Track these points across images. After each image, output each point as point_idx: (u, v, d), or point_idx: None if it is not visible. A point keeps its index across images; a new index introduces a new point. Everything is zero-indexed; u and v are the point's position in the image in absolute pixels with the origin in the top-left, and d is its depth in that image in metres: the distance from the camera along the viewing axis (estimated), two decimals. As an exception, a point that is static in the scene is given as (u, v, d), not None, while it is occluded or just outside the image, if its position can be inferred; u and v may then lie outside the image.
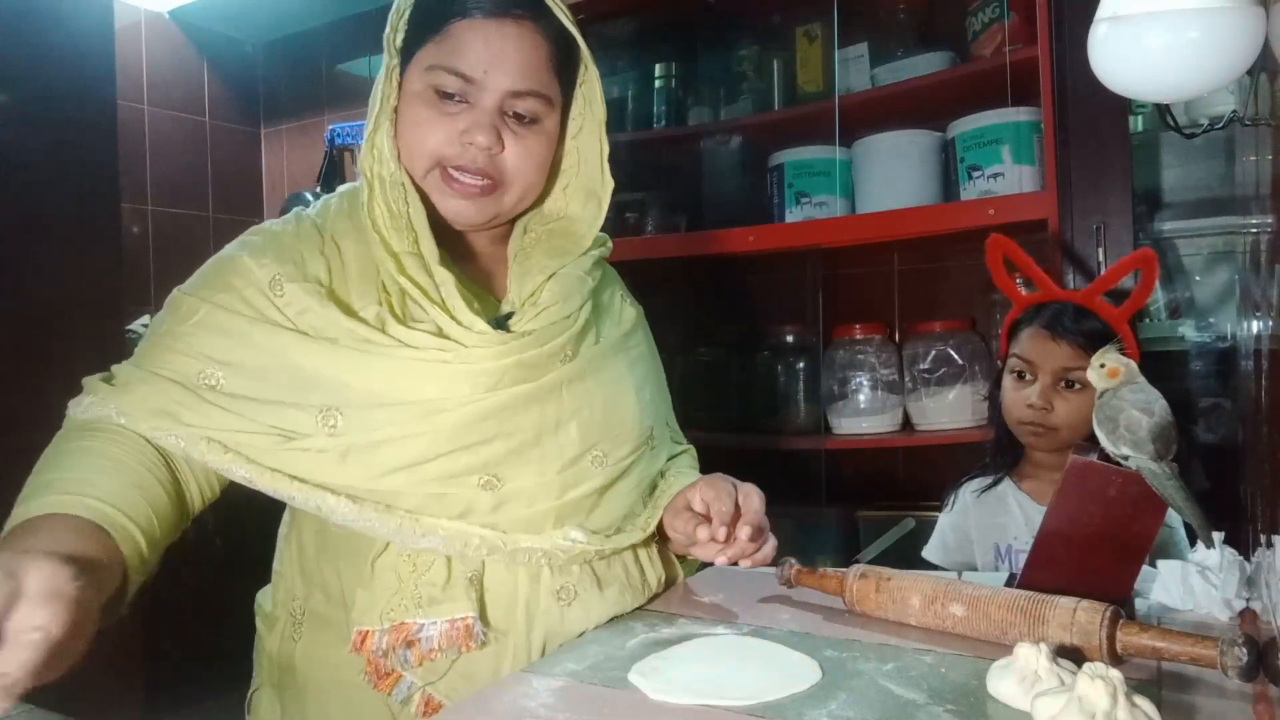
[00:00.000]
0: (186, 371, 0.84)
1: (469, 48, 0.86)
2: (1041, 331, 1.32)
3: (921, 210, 2.02)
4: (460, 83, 0.87)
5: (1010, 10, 1.93)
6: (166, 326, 0.87)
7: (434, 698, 0.85)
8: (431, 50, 0.88)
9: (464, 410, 0.85)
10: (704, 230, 2.30)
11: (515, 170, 0.91)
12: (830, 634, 0.86)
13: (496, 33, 0.87)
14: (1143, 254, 1.23)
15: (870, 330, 2.23)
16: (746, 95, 2.33)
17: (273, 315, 0.85)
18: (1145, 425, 0.84)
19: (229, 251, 0.91)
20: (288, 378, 0.84)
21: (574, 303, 0.94)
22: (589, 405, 0.93)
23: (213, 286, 0.87)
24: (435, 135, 0.88)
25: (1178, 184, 1.94)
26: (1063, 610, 0.78)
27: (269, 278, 0.86)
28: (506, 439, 0.87)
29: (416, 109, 0.89)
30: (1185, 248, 1.96)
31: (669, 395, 1.13)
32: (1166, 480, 0.83)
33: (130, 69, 2.81)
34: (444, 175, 0.89)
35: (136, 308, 2.72)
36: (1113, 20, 0.82)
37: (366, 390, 0.84)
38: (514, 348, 0.87)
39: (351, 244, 0.91)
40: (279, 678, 0.93)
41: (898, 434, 2.17)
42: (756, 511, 0.94)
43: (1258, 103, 0.91)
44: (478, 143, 0.87)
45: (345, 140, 2.98)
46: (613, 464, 0.94)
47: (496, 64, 0.87)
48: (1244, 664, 0.68)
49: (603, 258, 1.04)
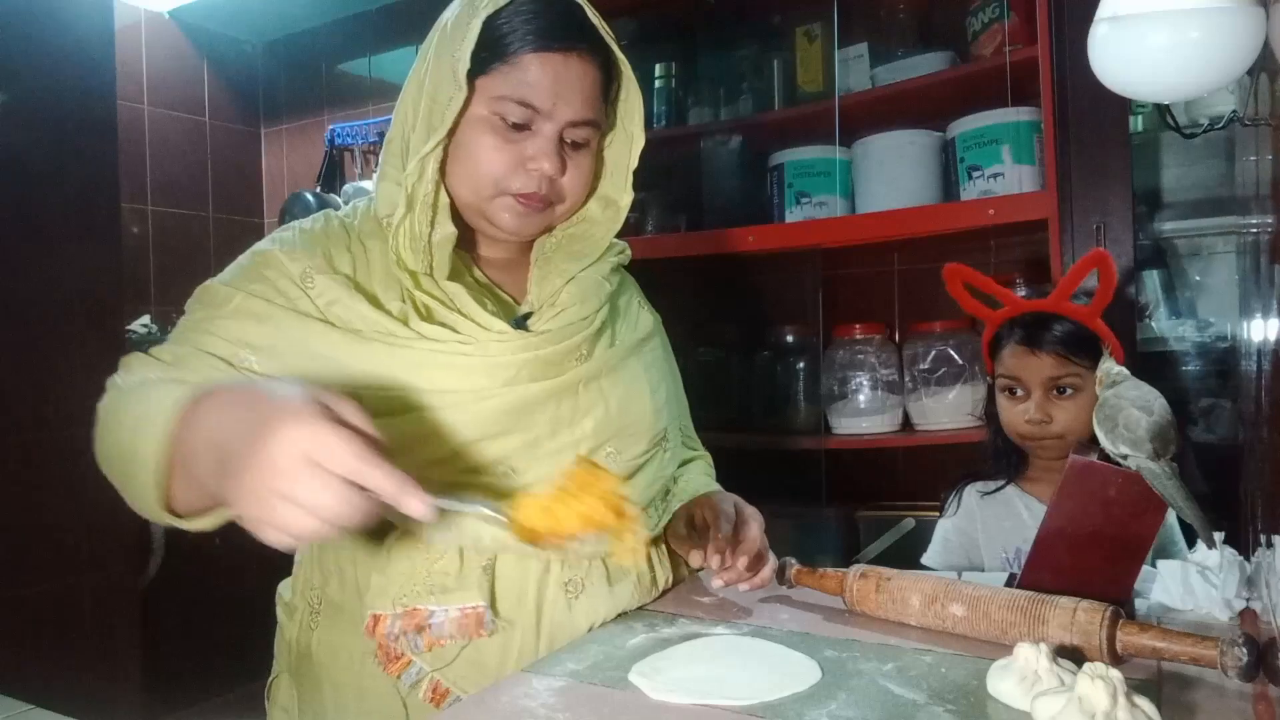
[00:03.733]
0: (223, 353, 0.86)
1: (539, 81, 0.89)
2: (1020, 348, 1.32)
3: (921, 210, 2.02)
4: (528, 114, 0.90)
5: (1010, 10, 1.93)
6: (202, 313, 0.89)
7: (441, 684, 0.87)
8: (499, 79, 0.89)
9: (482, 404, 0.87)
10: (704, 230, 2.30)
11: (570, 190, 0.95)
12: (830, 634, 0.86)
13: (563, 66, 0.90)
14: (1096, 255, 1.24)
15: (870, 330, 2.23)
16: (746, 95, 2.33)
17: (304, 305, 0.88)
18: (1144, 424, 0.84)
19: (262, 246, 0.94)
20: (315, 366, 0.86)
21: (591, 305, 0.97)
22: (604, 402, 0.95)
23: (247, 277, 0.90)
24: (502, 163, 0.91)
25: (1178, 184, 1.94)
26: (1063, 610, 0.78)
27: (300, 270, 0.89)
28: (523, 432, 0.90)
29: (482, 135, 0.91)
30: (1185, 248, 1.96)
31: (686, 402, 1.17)
32: (1166, 480, 0.83)
33: (130, 69, 2.81)
34: (512, 198, 0.93)
35: (136, 307, 2.72)
36: (1113, 20, 0.82)
37: (390, 381, 0.86)
38: (531, 344, 0.91)
39: (378, 244, 0.94)
40: (296, 665, 0.96)
41: (898, 434, 2.17)
42: (754, 540, 0.97)
43: (1258, 103, 0.91)
44: (544, 170, 0.91)
45: (345, 140, 2.99)
46: (626, 461, 0.97)
47: (564, 98, 0.90)
48: (1244, 664, 0.68)
49: (621, 264, 1.07)
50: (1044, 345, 1.29)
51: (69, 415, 1.79)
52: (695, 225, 2.35)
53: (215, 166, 3.11)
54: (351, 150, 3.00)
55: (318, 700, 0.93)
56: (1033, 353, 1.30)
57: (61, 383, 1.78)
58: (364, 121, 2.95)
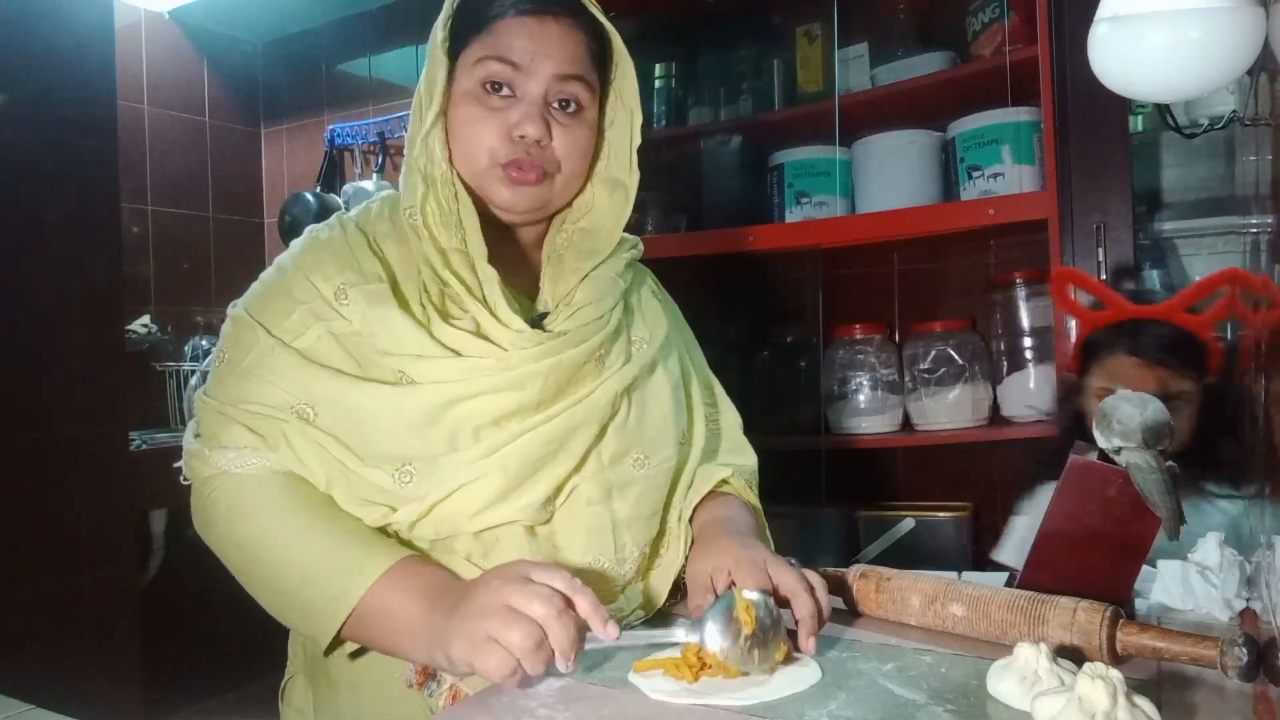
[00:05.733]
0: (284, 405, 0.88)
1: (515, 39, 0.90)
2: (1130, 358, 1.28)
3: (921, 210, 2.02)
4: (508, 70, 0.90)
5: (1010, 10, 1.93)
6: (253, 359, 0.90)
7: (461, 690, 0.87)
8: (477, 47, 0.91)
9: (524, 440, 0.87)
10: (704, 230, 2.30)
11: (563, 156, 0.94)
12: (830, 634, 0.86)
13: (539, 26, 0.91)
14: (1230, 273, 1.21)
15: (870, 330, 2.23)
16: (746, 95, 2.33)
17: (339, 327, 0.89)
18: (1137, 419, 0.85)
19: (288, 266, 0.94)
20: (356, 420, 0.88)
21: (607, 303, 0.97)
22: (626, 411, 0.95)
23: (282, 311, 0.91)
24: (489, 132, 0.91)
25: (1178, 184, 1.94)
26: (1063, 610, 0.78)
27: (333, 290, 0.90)
28: (569, 456, 0.90)
29: (468, 107, 0.92)
30: (1185, 248, 1.96)
31: (710, 374, 1.17)
32: (1150, 473, 0.83)
33: (130, 69, 2.81)
34: (502, 169, 0.93)
35: (136, 308, 2.72)
36: (1113, 20, 0.82)
37: (430, 439, 0.87)
38: (551, 348, 0.90)
39: (393, 246, 0.94)
40: (311, 668, 0.96)
41: (898, 434, 2.17)
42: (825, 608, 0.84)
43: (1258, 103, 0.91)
44: (528, 134, 0.90)
45: (345, 140, 2.99)
46: (654, 466, 0.96)
47: (542, 52, 0.90)
48: (1244, 664, 0.68)
49: (634, 260, 1.07)
50: (1155, 356, 1.25)
51: (69, 415, 1.79)
52: (695, 225, 2.35)
53: (215, 166, 3.10)
54: (351, 150, 3.00)
55: (334, 703, 0.93)
56: (1147, 365, 1.27)
57: (61, 383, 1.78)
58: (364, 121, 2.95)
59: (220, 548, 0.90)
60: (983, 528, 2.14)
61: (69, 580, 1.83)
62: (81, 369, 1.80)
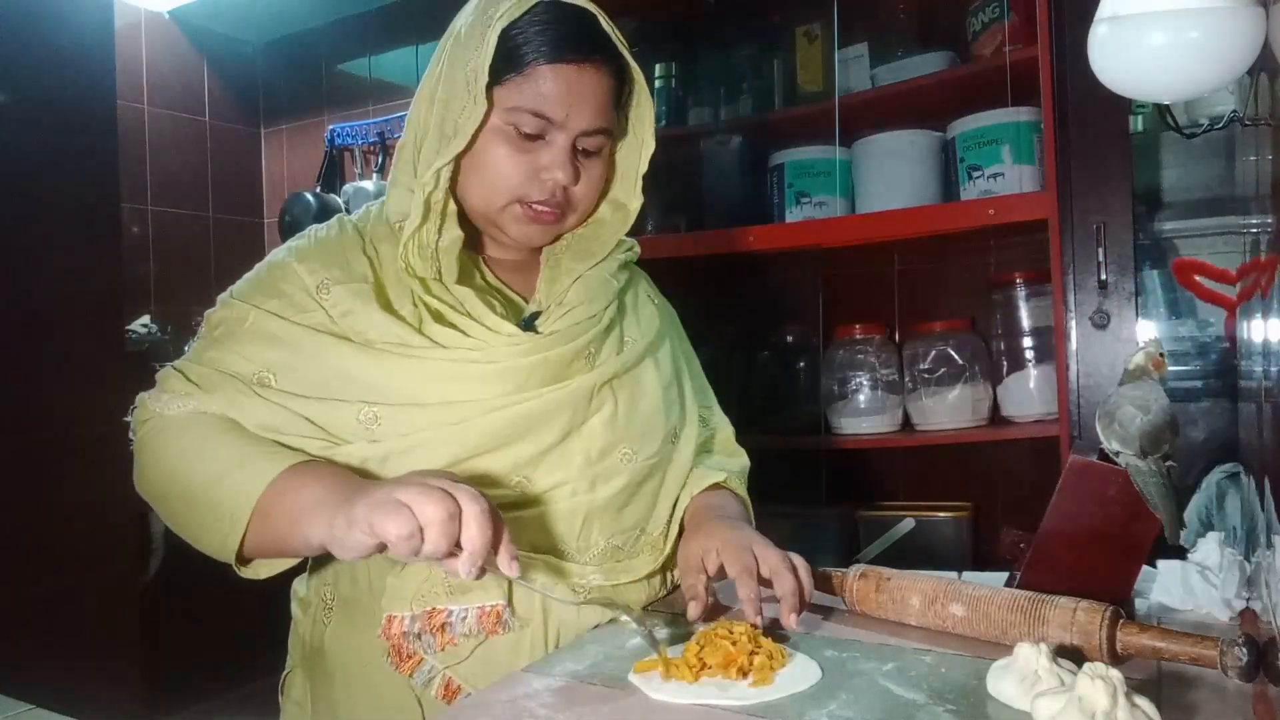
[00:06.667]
0: (243, 371, 0.90)
1: (552, 92, 0.89)
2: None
3: (921, 210, 2.02)
4: (542, 124, 0.90)
5: (1010, 10, 1.93)
6: (221, 330, 0.92)
7: (454, 680, 0.88)
8: (513, 90, 0.90)
9: (494, 415, 0.89)
10: (703, 230, 2.30)
11: (582, 198, 0.96)
12: (830, 634, 0.86)
13: (577, 77, 0.90)
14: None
15: (870, 330, 2.23)
16: (746, 95, 2.33)
17: (318, 319, 0.90)
18: (1137, 422, 0.84)
19: (278, 257, 0.96)
20: (331, 377, 0.89)
21: (599, 304, 0.98)
22: (614, 405, 0.96)
23: (263, 292, 0.92)
24: (516, 173, 0.92)
25: (1178, 184, 1.94)
26: (1063, 610, 0.78)
27: (317, 283, 0.91)
28: (534, 441, 0.91)
29: (496, 146, 0.91)
30: (1185, 248, 1.96)
31: (705, 381, 1.19)
32: (1149, 477, 0.83)
33: (130, 69, 2.82)
34: (523, 208, 0.94)
35: (136, 308, 2.72)
36: (1113, 20, 0.82)
37: (403, 392, 0.88)
38: (539, 345, 0.91)
39: (389, 248, 0.95)
40: (310, 660, 0.97)
41: (898, 434, 2.17)
42: (808, 590, 0.86)
43: (1258, 103, 0.91)
44: (557, 179, 0.92)
45: (345, 140, 2.99)
46: (641, 461, 0.97)
47: (577, 108, 0.90)
48: (1244, 664, 0.68)
49: (629, 261, 1.08)
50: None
51: (69, 415, 1.79)
52: (695, 225, 2.35)
53: (215, 166, 3.11)
54: (351, 150, 3.00)
55: (330, 695, 0.94)
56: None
57: (61, 383, 1.78)
58: (364, 121, 2.95)
59: (144, 484, 0.91)
60: (983, 528, 2.14)
61: (69, 580, 1.83)
62: (81, 369, 1.80)
